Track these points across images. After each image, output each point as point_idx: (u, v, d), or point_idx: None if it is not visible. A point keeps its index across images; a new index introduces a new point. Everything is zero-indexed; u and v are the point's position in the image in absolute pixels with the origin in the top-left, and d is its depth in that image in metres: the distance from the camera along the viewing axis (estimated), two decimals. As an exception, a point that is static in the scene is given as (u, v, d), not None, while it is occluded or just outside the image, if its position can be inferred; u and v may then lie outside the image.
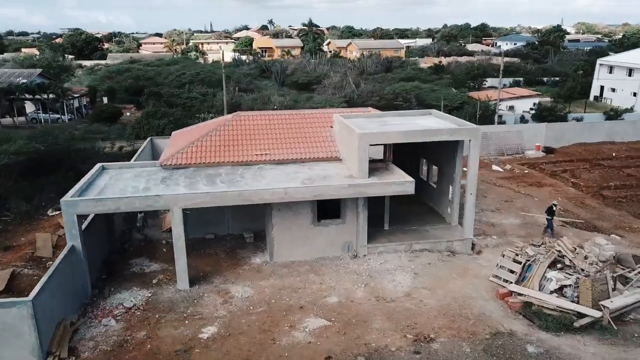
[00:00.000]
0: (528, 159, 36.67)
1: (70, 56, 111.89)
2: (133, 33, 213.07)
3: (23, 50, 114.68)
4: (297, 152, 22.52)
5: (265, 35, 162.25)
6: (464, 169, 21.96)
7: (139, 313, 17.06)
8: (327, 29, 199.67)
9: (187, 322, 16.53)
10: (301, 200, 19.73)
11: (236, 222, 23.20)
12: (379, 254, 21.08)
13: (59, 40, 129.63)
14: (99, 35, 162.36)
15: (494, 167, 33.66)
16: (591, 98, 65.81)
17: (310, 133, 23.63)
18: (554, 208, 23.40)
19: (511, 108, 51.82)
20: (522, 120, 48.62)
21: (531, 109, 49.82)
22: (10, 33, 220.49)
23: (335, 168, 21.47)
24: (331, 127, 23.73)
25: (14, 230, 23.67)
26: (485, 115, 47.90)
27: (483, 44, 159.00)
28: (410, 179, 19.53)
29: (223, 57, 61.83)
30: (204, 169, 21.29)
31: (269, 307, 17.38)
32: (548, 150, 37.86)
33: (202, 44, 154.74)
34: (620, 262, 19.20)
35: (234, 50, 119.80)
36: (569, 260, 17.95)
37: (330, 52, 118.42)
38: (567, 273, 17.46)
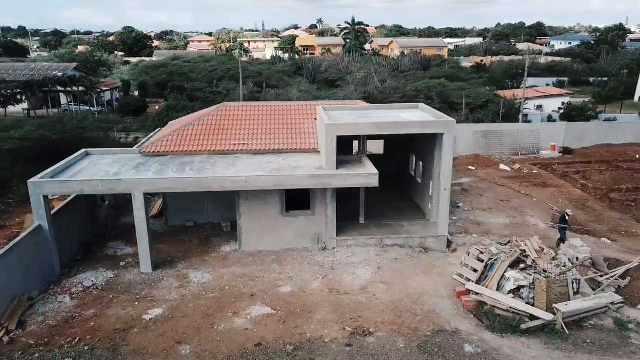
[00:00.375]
0: (542, 159, 35.11)
1: (120, 53, 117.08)
2: (189, 32, 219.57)
3: (79, 47, 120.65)
4: (276, 143, 22.57)
5: (312, 34, 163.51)
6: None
7: (95, 292, 17.62)
8: (376, 28, 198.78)
9: (137, 303, 16.93)
10: (268, 190, 19.81)
11: (216, 211, 23.50)
12: (348, 247, 20.81)
13: (112, 38, 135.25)
14: (152, 34, 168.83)
15: (502, 167, 32.45)
16: (636, 99, 62.20)
17: (293, 125, 23.63)
18: (567, 217, 20.81)
19: (539, 107, 49.72)
20: (549, 119, 46.62)
21: (559, 108, 47.62)
22: (74, 32, 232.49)
23: (310, 159, 21.33)
24: (315, 119, 23.64)
25: (12, 212, 25.04)
26: (509, 114, 46.32)
27: (537, 44, 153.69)
28: (375, 171, 19.15)
29: (240, 53, 62.66)
30: (181, 157, 21.70)
31: (221, 294, 17.52)
32: (566, 151, 36.08)
33: (248, 42, 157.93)
34: (594, 266, 18.10)
35: (276, 48, 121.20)
36: (532, 260, 17.06)
37: (372, 50, 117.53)
38: (527, 273, 16.62)
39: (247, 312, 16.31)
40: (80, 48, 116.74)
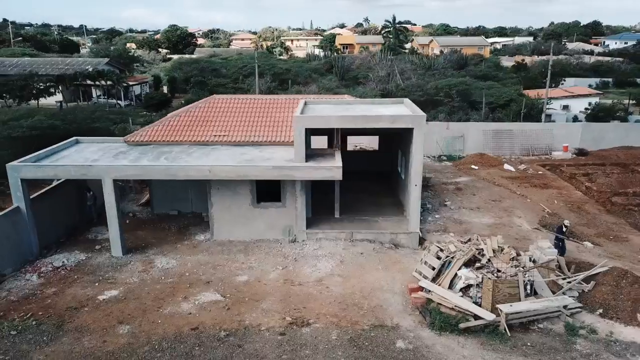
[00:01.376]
0: (553, 160, 33.79)
1: (164, 50, 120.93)
2: (239, 30, 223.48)
3: (127, 45, 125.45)
4: (256, 135, 22.86)
5: (355, 33, 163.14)
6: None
7: (63, 273, 18.47)
8: (423, 27, 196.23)
9: (97, 284, 17.63)
10: (239, 181, 20.14)
11: (199, 200, 23.95)
12: (317, 240, 20.84)
13: (158, 36, 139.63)
14: (199, 32, 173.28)
15: (506, 166, 31.46)
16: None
17: (275, 118, 23.84)
18: (564, 229, 18.80)
19: (566, 107, 47.74)
20: (575, 120, 44.70)
21: (586, 108, 45.55)
22: (130, 30, 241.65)
23: (285, 152, 21.43)
24: (300, 113, 23.74)
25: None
26: (531, 114, 44.76)
27: (590, 43, 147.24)
28: (339, 165, 19.09)
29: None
30: (161, 147, 22.35)
31: (179, 279, 17.98)
32: (581, 152, 34.55)
33: (291, 40, 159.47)
34: (560, 269, 17.34)
35: (315, 46, 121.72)
36: (487, 259, 16.56)
37: (411, 49, 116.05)
38: (481, 272, 16.15)
39: (196, 298, 16.67)
40: (128, 45, 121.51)
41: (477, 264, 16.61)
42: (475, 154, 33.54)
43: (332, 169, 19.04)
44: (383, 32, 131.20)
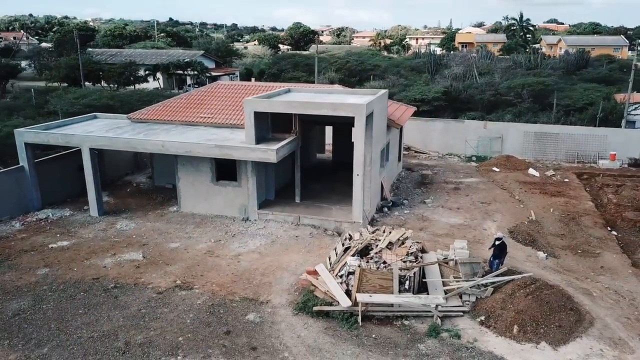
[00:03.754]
0: (596, 168, 30.30)
1: (286, 47, 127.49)
2: (378, 29, 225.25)
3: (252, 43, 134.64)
4: (235, 118, 24.36)
5: (484, 32, 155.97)
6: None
7: (42, 224, 21.76)
8: (571, 25, 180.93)
9: (58, 235, 20.56)
10: (200, 158, 21.83)
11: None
12: (266, 221, 21.76)
13: (283, 33, 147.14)
14: (328, 30, 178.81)
15: (530, 171, 29.00)
16: None
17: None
18: (497, 242, 16.50)
19: (658, 114, 41.63)
20: (663, 129, 38.92)
21: (681, 116, 39.36)
22: (274, 29, 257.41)
23: (251, 135, 22.61)
24: (285, 100, 24.72)
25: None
26: (609, 119, 39.99)
27: None
28: (273, 149, 19.76)
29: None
30: (154, 124, 24.88)
31: (123, 240, 20.20)
32: (635, 163, 30.46)
33: (416, 39, 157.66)
34: (461, 270, 16.21)
35: (429, 44, 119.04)
36: (379, 250, 16.20)
37: (532, 49, 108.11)
38: (367, 262, 15.92)
39: (121, 255, 18.70)
40: (250, 44, 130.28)
41: (371, 254, 16.35)
42: (502, 156, 31.36)
43: (266, 151, 19.82)
44: (508, 31, 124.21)
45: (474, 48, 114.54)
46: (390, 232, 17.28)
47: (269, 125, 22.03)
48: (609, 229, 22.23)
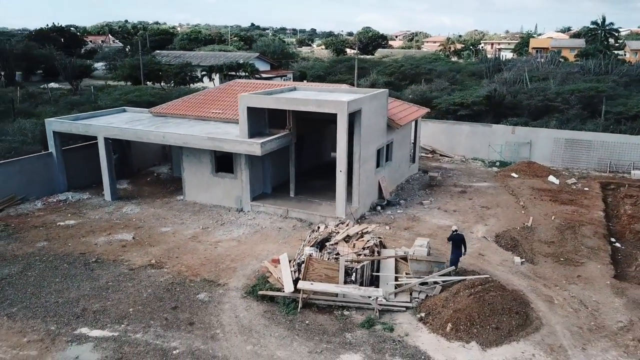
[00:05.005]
0: (625, 179, 28.45)
1: (354, 50, 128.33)
2: (453, 34, 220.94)
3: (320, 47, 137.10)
4: (243, 114, 25.47)
5: (568, 37, 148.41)
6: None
7: (60, 205, 24.00)
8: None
9: (70, 215, 22.63)
10: (202, 150, 23.14)
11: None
12: (258, 212, 22.66)
13: (352, 38, 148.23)
14: (402, 35, 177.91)
15: (550, 178, 27.78)
16: None
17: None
18: (453, 232, 16.62)
19: None
20: None
21: None
22: (349, 34, 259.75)
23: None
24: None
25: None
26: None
27: None
28: (258, 142, 20.60)
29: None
30: (171, 118, 26.59)
31: (123, 221, 21.89)
32: (674, 175, 28.30)
33: (491, 44, 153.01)
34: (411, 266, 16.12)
35: (499, 49, 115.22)
36: (335, 242, 16.54)
37: (612, 55, 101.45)
38: (326, 252, 16.35)
39: (114, 236, 20.33)
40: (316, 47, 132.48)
41: (329, 244, 16.75)
42: (523, 161, 30.23)
43: (252, 144, 20.72)
44: (588, 35, 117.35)
45: (547, 53, 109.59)
46: (353, 227, 17.53)
47: (266, 121, 22.91)
48: (613, 240, 21.07)
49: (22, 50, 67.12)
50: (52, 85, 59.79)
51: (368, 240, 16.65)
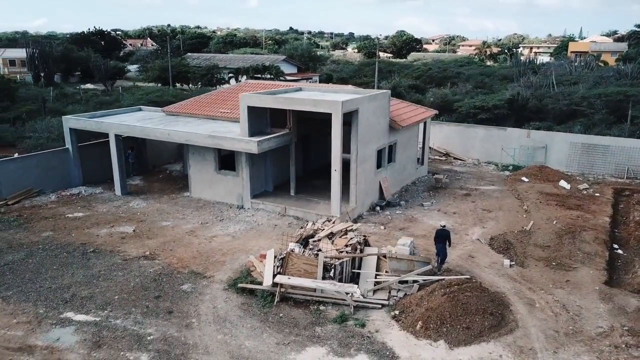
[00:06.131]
0: (641, 185, 27.54)
1: (387, 55, 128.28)
2: (492, 38, 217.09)
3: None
4: (249, 114, 26.03)
5: (612, 40, 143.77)
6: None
7: (73, 198, 25.11)
8: None
9: (79, 208, 23.67)
10: (206, 148, 23.78)
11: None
12: (257, 210, 23.12)
13: (386, 41, 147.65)
14: (434, 39, 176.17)
15: (561, 183, 27.14)
16: None
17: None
18: (440, 227, 17.27)
19: None
20: None
21: None
22: (387, 37, 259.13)
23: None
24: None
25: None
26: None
27: None
28: (254, 140, 21.05)
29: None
30: (181, 117, 27.43)
31: (128, 215, 22.74)
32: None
33: (530, 48, 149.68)
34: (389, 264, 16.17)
35: (536, 53, 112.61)
36: (318, 239, 16.77)
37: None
38: (308, 248, 16.63)
39: (116, 228, 21.17)
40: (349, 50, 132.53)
41: (312, 240, 17.01)
42: (535, 165, 29.63)
43: (249, 142, 21.19)
44: (631, 39, 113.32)
45: (587, 57, 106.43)
46: (338, 224, 17.72)
47: (268, 121, 23.36)
48: (616, 246, 20.53)
49: (61, 53, 70.18)
50: (88, 86, 62.33)
51: (351, 238, 16.81)
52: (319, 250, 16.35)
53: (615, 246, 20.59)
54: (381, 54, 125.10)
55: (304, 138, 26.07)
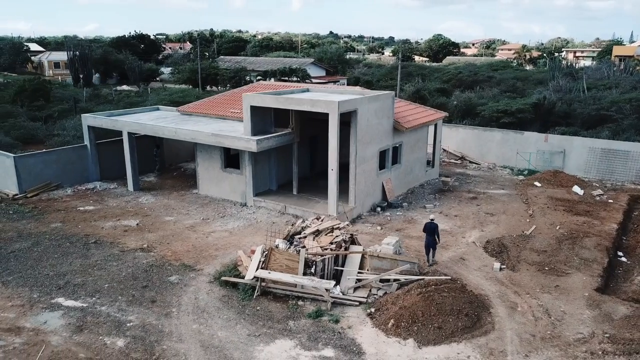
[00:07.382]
0: (661, 192, 26.45)
1: (423, 58, 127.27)
2: (538, 42, 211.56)
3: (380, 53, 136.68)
4: (258, 114, 26.55)
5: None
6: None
7: (87, 192, 26.21)
8: None
9: (91, 202, 24.71)
10: (212, 146, 24.41)
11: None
12: (258, 208, 23.55)
13: (421, 44, 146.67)
14: (475, 43, 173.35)
15: (575, 189, 26.40)
16: None
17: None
18: (429, 221, 17.82)
19: None
20: None
21: None
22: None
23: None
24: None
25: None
26: None
27: None
28: (254, 139, 21.45)
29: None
30: (194, 116, 28.22)
31: (135, 210, 23.59)
32: None
33: (573, 52, 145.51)
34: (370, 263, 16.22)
35: (578, 57, 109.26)
36: (304, 236, 17.00)
37: None
38: (293, 245, 16.90)
39: (122, 221, 22.00)
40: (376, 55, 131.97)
41: (298, 237, 17.26)
42: (550, 171, 28.86)
43: (249, 141, 21.63)
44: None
45: (632, 61, 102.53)
46: (325, 222, 17.90)
47: (272, 121, 23.78)
48: (620, 254, 19.90)
49: (100, 55, 72.99)
50: (124, 87, 64.65)
51: (337, 236, 16.95)
52: (303, 246, 16.58)
53: (620, 253, 19.95)
54: (417, 57, 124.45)
55: (312, 139, 26.39)
